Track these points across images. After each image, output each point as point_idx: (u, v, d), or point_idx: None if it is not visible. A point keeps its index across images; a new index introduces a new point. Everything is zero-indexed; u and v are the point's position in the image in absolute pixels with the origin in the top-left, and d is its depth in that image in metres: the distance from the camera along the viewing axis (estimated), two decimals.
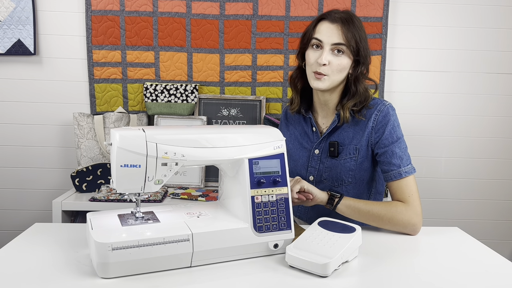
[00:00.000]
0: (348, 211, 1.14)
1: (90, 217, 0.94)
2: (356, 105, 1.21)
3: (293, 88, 1.32)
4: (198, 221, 0.93)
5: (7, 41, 1.93)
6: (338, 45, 1.16)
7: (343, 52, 1.17)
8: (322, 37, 1.17)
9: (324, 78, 1.17)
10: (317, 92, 1.26)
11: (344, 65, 1.17)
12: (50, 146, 2.04)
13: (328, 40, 1.16)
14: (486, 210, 2.19)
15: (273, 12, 1.99)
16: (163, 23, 1.97)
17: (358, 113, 1.21)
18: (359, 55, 1.18)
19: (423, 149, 2.12)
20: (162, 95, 1.96)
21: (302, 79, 1.29)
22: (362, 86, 1.21)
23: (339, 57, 1.17)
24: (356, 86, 1.21)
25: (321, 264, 0.83)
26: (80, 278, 0.82)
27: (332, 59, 1.16)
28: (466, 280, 0.86)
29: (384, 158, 1.17)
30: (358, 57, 1.18)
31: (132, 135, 0.86)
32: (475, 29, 2.06)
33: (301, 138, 1.32)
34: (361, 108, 1.21)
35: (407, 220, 1.11)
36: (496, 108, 2.12)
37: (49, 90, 2.00)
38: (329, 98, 1.24)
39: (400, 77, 2.08)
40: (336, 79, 1.18)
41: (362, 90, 1.21)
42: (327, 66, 1.16)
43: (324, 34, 1.17)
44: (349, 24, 1.16)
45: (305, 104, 1.32)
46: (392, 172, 1.16)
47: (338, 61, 1.16)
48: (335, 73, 1.17)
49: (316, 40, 1.18)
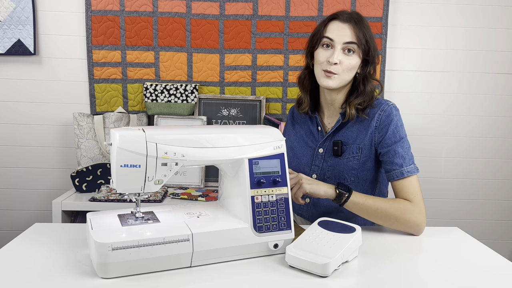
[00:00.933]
0: (355, 208, 1.12)
1: (90, 217, 0.94)
2: (361, 104, 1.22)
3: (302, 88, 1.32)
4: (198, 221, 0.93)
5: (7, 41, 1.93)
6: (349, 44, 1.17)
7: (354, 51, 1.18)
8: (334, 36, 1.17)
9: (334, 77, 1.18)
10: (324, 91, 1.27)
11: (354, 64, 1.18)
12: (50, 146, 2.04)
13: (340, 39, 1.17)
14: (486, 210, 2.19)
15: (273, 12, 1.99)
16: (163, 23, 1.97)
17: (362, 112, 1.22)
18: (369, 54, 1.19)
19: (423, 149, 2.12)
20: (162, 95, 1.96)
21: (310, 79, 1.30)
22: (370, 86, 1.22)
23: (350, 56, 1.18)
24: (365, 86, 1.22)
25: (321, 264, 0.83)
26: (80, 278, 0.81)
27: (343, 59, 1.17)
28: (466, 280, 0.86)
29: (387, 158, 1.18)
30: (368, 57, 1.19)
31: (132, 135, 0.86)
32: (475, 29, 2.06)
33: (306, 137, 1.33)
34: (365, 107, 1.22)
35: (413, 220, 1.10)
36: (496, 108, 2.12)
37: (49, 90, 2.00)
38: (336, 97, 1.25)
39: (400, 77, 2.08)
40: (345, 78, 1.19)
41: (370, 90, 1.22)
42: (338, 65, 1.17)
43: (336, 33, 1.17)
44: (360, 23, 1.18)
45: (312, 104, 1.33)
46: (395, 172, 1.16)
47: (349, 61, 1.17)
48: (345, 72, 1.18)
49: (327, 39, 1.18)
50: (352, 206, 1.12)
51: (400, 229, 1.12)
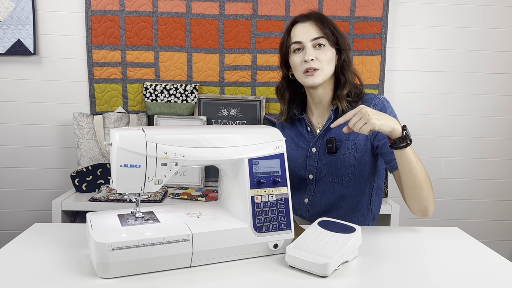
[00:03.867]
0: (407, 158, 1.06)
1: (90, 217, 0.94)
2: (350, 95, 1.24)
3: (281, 99, 1.35)
4: (198, 221, 0.93)
5: (7, 41, 1.93)
6: (317, 39, 1.20)
7: (324, 45, 1.20)
8: (301, 38, 1.21)
9: (317, 73, 1.20)
10: (310, 92, 1.28)
11: (330, 56, 1.21)
12: (50, 146, 2.04)
13: (307, 37, 1.20)
14: (486, 210, 2.19)
15: (273, 12, 1.98)
16: (163, 23, 1.97)
17: (354, 104, 1.23)
18: (339, 43, 1.23)
19: (423, 149, 2.12)
20: (162, 95, 1.96)
21: (288, 88, 1.33)
22: (350, 74, 1.25)
23: (322, 50, 1.20)
24: (345, 75, 1.24)
25: (321, 264, 0.83)
26: (80, 278, 0.81)
27: (317, 54, 1.19)
28: (466, 280, 0.86)
29: (385, 149, 1.19)
30: (339, 46, 1.23)
31: (132, 135, 0.86)
32: (475, 29, 2.06)
33: (297, 139, 1.33)
34: (356, 100, 1.24)
35: (431, 199, 1.11)
36: (495, 108, 2.12)
37: (49, 90, 2.00)
38: (322, 94, 1.26)
39: (400, 77, 2.08)
40: (327, 72, 1.21)
41: (351, 78, 1.25)
42: (316, 61, 1.19)
43: (301, 35, 1.21)
44: (320, 18, 1.22)
45: (299, 107, 1.35)
46: (394, 162, 1.16)
47: (323, 54, 1.20)
48: (325, 66, 1.20)
49: (296, 44, 1.22)
50: (407, 153, 1.06)
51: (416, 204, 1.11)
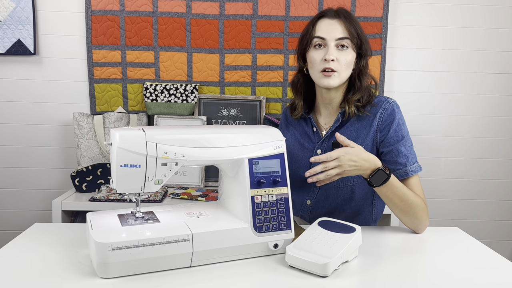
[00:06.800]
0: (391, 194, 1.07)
1: (90, 217, 0.94)
2: (360, 100, 1.20)
3: (296, 93, 1.30)
4: (198, 221, 0.93)
5: (7, 41, 1.93)
6: (342, 40, 1.15)
7: (347, 47, 1.16)
8: (325, 34, 1.15)
9: (334, 75, 1.15)
10: (321, 91, 1.24)
11: (350, 59, 1.17)
12: (50, 146, 2.04)
13: (332, 36, 1.15)
14: (486, 210, 2.19)
15: (273, 12, 1.98)
16: (163, 23, 1.97)
17: (363, 109, 1.20)
18: (362, 48, 1.18)
19: (423, 149, 2.12)
20: (162, 95, 1.96)
21: (304, 83, 1.28)
22: (367, 79, 1.21)
23: (344, 52, 1.16)
24: (361, 81, 1.21)
25: (321, 264, 0.83)
26: (80, 278, 0.82)
27: (338, 55, 1.15)
28: (466, 280, 0.86)
29: (390, 157, 1.16)
30: (361, 51, 1.18)
31: (132, 135, 0.86)
32: (475, 29, 2.06)
33: (301, 139, 1.31)
34: (365, 104, 1.20)
35: (424, 218, 1.11)
36: (496, 108, 2.12)
37: (49, 90, 2.00)
38: (334, 96, 1.23)
39: (400, 77, 2.08)
40: (344, 75, 1.17)
41: (366, 85, 1.21)
42: (336, 62, 1.15)
43: (327, 31, 1.16)
44: (349, 18, 1.17)
45: (306, 106, 1.31)
46: (399, 171, 1.14)
47: (345, 57, 1.15)
48: (344, 69, 1.16)
49: (319, 39, 1.16)
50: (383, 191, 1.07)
51: (409, 223, 1.12)
